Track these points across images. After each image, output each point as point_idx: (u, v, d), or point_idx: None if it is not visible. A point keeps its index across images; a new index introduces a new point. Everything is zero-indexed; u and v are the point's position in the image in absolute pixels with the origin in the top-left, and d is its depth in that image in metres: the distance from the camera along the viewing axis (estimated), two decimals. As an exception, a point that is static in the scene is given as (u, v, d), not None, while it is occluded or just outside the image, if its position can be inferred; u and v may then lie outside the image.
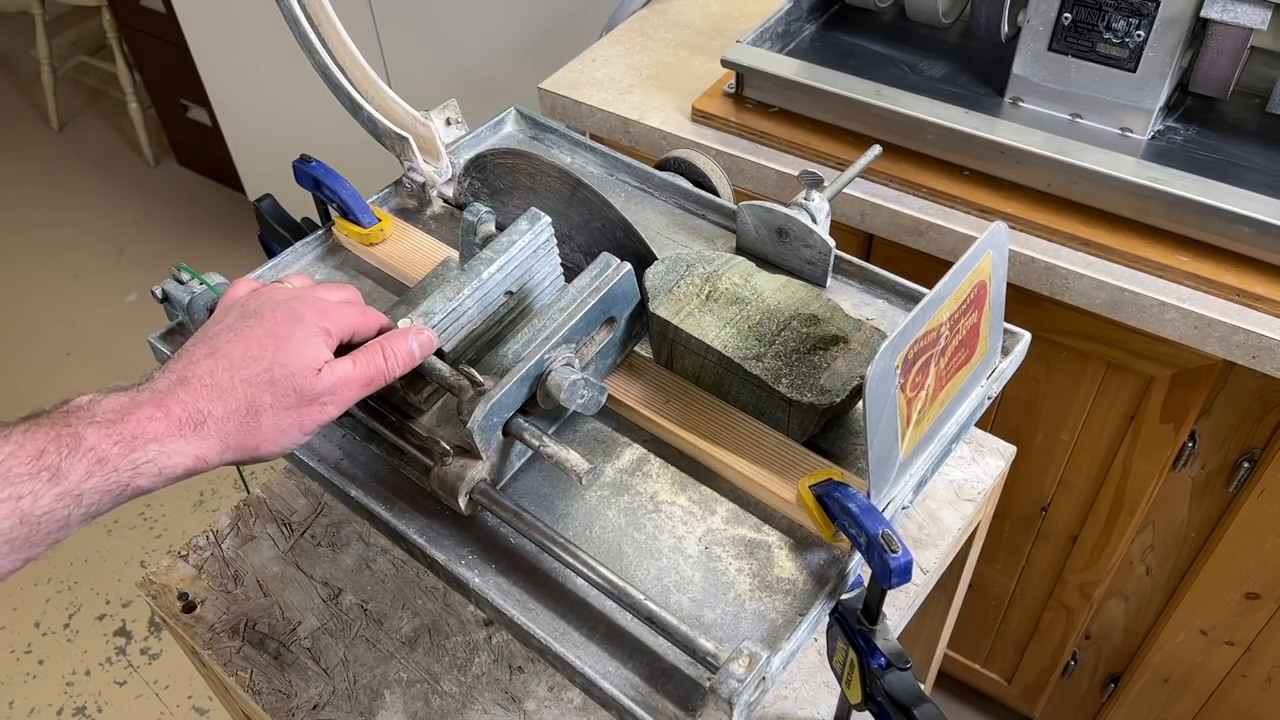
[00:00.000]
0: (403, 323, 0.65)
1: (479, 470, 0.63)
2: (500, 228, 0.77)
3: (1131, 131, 1.08)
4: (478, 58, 1.89)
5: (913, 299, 0.79)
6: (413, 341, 0.63)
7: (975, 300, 0.64)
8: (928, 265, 1.12)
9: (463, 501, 0.63)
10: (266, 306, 0.60)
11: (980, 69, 1.19)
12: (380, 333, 0.65)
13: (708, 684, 0.55)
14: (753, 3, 1.42)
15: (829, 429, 0.69)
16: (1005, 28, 1.13)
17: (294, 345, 0.58)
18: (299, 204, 0.87)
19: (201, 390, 0.55)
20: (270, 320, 0.59)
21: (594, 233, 0.76)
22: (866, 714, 0.65)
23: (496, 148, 0.81)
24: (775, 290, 0.72)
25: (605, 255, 0.69)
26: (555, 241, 0.72)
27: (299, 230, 0.87)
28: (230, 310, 0.61)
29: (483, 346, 0.70)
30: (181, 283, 0.75)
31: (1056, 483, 1.29)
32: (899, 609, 0.86)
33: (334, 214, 0.84)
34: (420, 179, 0.87)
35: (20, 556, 0.49)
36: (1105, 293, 1.02)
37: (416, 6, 1.88)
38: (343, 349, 0.62)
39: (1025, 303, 1.09)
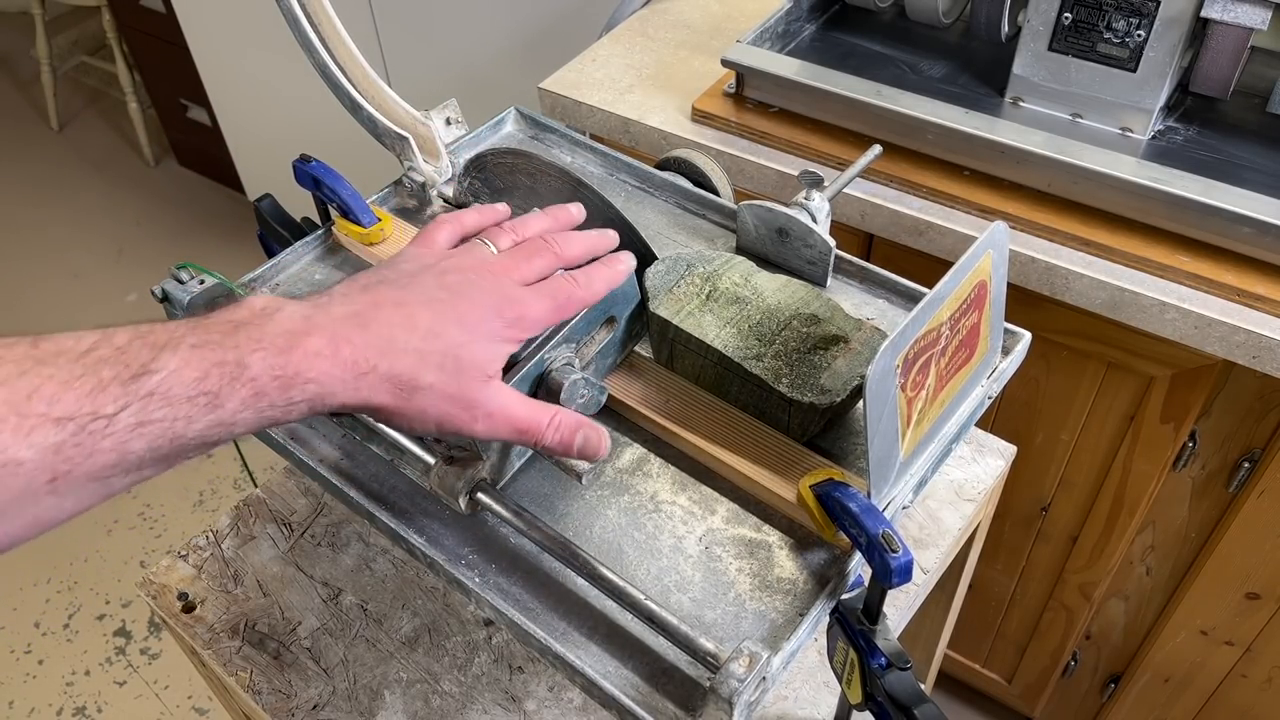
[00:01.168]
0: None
1: (479, 470, 0.63)
2: (500, 227, 0.77)
3: (1132, 131, 1.08)
4: (478, 58, 1.89)
5: (913, 299, 0.79)
6: (579, 435, 0.58)
7: (975, 300, 0.64)
8: (928, 265, 1.12)
9: (463, 501, 0.63)
10: (466, 285, 0.56)
11: (980, 69, 1.19)
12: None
13: (708, 684, 0.55)
14: (753, 3, 1.42)
15: (829, 429, 0.69)
16: (1005, 28, 1.13)
17: (478, 342, 0.55)
18: (299, 204, 0.87)
19: (376, 340, 0.52)
20: (466, 302, 0.55)
21: (594, 232, 0.76)
22: (866, 714, 0.65)
23: (496, 147, 0.81)
24: (775, 290, 0.72)
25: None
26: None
27: (299, 230, 0.87)
28: (426, 263, 0.57)
29: (483, 346, 0.70)
30: (181, 282, 0.75)
31: (1056, 483, 1.29)
32: (899, 609, 0.86)
33: (334, 214, 0.84)
34: (420, 179, 0.87)
35: (164, 467, 0.47)
36: (1105, 293, 1.02)
37: (416, 6, 1.88)
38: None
39: (1025, 303, 1.09)
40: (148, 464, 0.45)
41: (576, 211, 0.67)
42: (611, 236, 0.65)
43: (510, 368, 0.63)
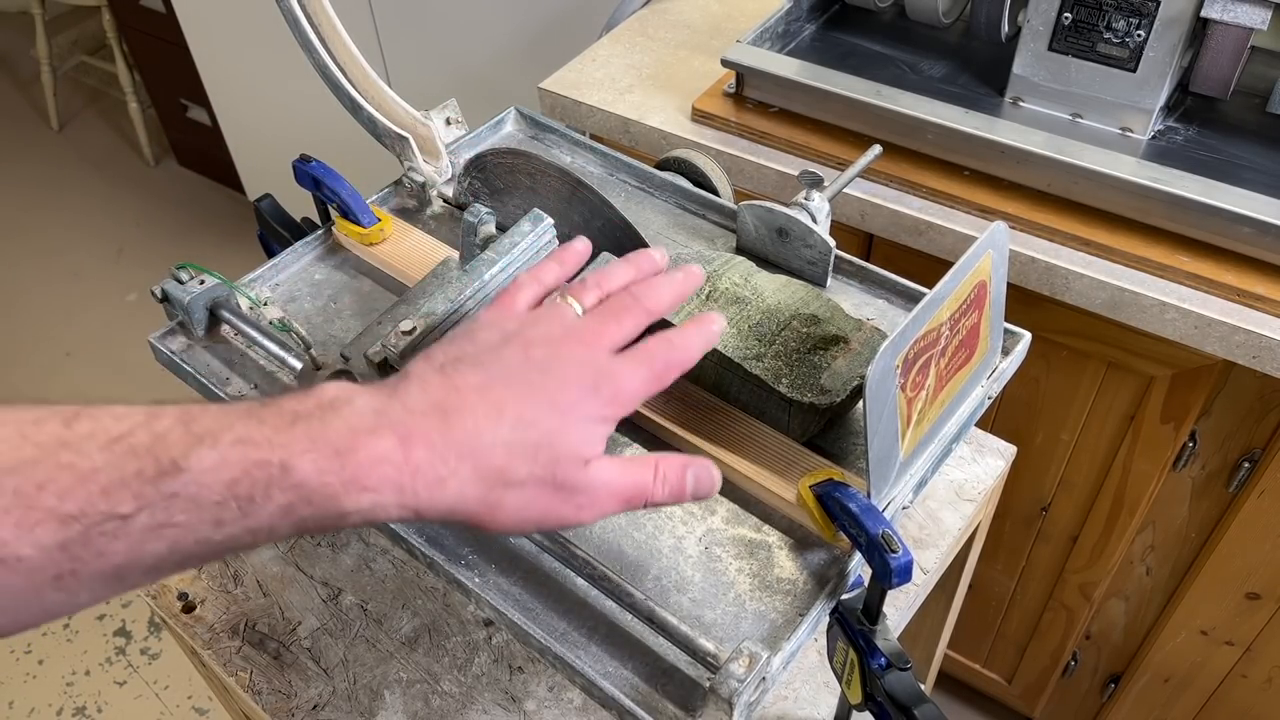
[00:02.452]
0: (404, 323, 0.64)
1: (479, 470, 0.63)
2: (501, 228, 0.77)
3: (1132, 131, 1.08)
4: (478, 58, 1.89)
5: (913, 299, 0.79)
6: (689, 478, 0.53)
7: (975, 300, 0.64)
8: (928, 265, 1.12)
9: (463, 501, 0.63)
10: (556, 360, 0.50)
11: (980, 69, 1.19)
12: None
13: (708, 684, 0.55)
14: (753, 3, 1.42)
15: (829, 429, 0.69)
16: (1005, 28, 1.13)
17: (574, 424, 0.48)
18: (299, 204, 0.87)
19: (458, 438, 0.45)
20: (558, 380, 0.49)
21: (594, 233, 0.76)
22: (866, 714, 0.65)
23: (496, 147, 0.81)
24: (775, 290, 0.72)
25: (605, 255, 0.68)
26: (557, 242, 0.72)
27: (299, 230, 0.87)
28: (508, 330, 0.51)
29: (483, 346, 0.70)
30: (181, 282, 0.75)
31: (1057, 483, 1.29)
32: (899, 609, 0.86)
33: (334, 214, 0.84)
34: (420, 179, 0.87)
35: (182, 570, 0.43)
36: (1105, 293, 1.02)
37: (416, 6, 1.88)
38: None
39: (1025, 303, 1.09)
40: (168, 567, 0.41)
41: (660, 259, 0.60)
42: (697, 274, 0.58)
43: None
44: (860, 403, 0.67)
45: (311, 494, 0.42)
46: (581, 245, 0.62)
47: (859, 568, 0.63)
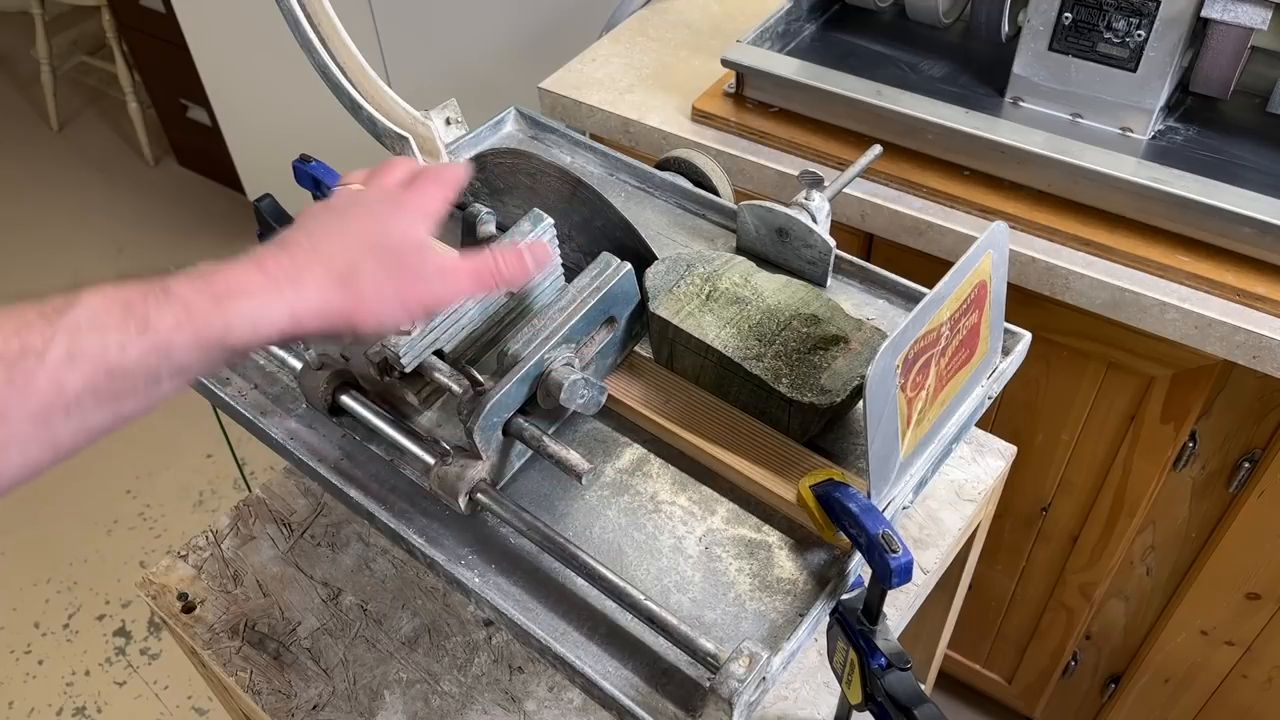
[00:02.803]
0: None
1: (479, 470, 0.63)
2: (500, 227, 0.77)
3: (1132, 131, 1.08)
4: (478, 58, 1.89)
5: (913, 299, 0.79)
6: (526, 252, 0.61)
7: (976, 300, 0.64)
8: (928, 265, 1.12)
9: (463, 501, 0.63)
10: (363, 197, 0.59)
11: (980, 69, 1.19)
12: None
13: (708, 684, 0.55)
14: (753, 3, 1.42)
15: (829, 429, 0.69)
16: (1005, 28, 1.13)
17: (396, 223, 0.57)
18: (299, 204, 0.87)
19: (300, 252, 0.54)
20: (369, 206, 0.58)
21: (594, 232, 0.76)
22: (866, 714, 0.65)
23: (496, 147, 0.81)
24: (775, 290, 0.72)
25: (605, 255, 0.68)
26: (557, 242, 0.72)
27: (299, 230, 0.87)
28: (320, 209, 0.60)
29: (483, 346, 0.70)
30: (181, 282, 0.75)
31: (1057, 483, 1.29)
32: (899, 609, 0.86)
33: (334, 214, 0.84)
34: (420, 179, 0.87)
35: (110, 412, 0.46)
36: (1105, 293, 1.02)
37: (416, 6, 1.88)
38: None
39: (1025, 303, 1.09)
40: (89, 402, 0.45)
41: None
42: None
43: (510, 368, 0.63)
44: (860, 403, 0.67)
45: (192, 308, 0.48)
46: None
47: (859, 568, 0.63)
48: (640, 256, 0.75)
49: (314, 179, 0.82)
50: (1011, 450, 0.96)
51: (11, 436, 0.43)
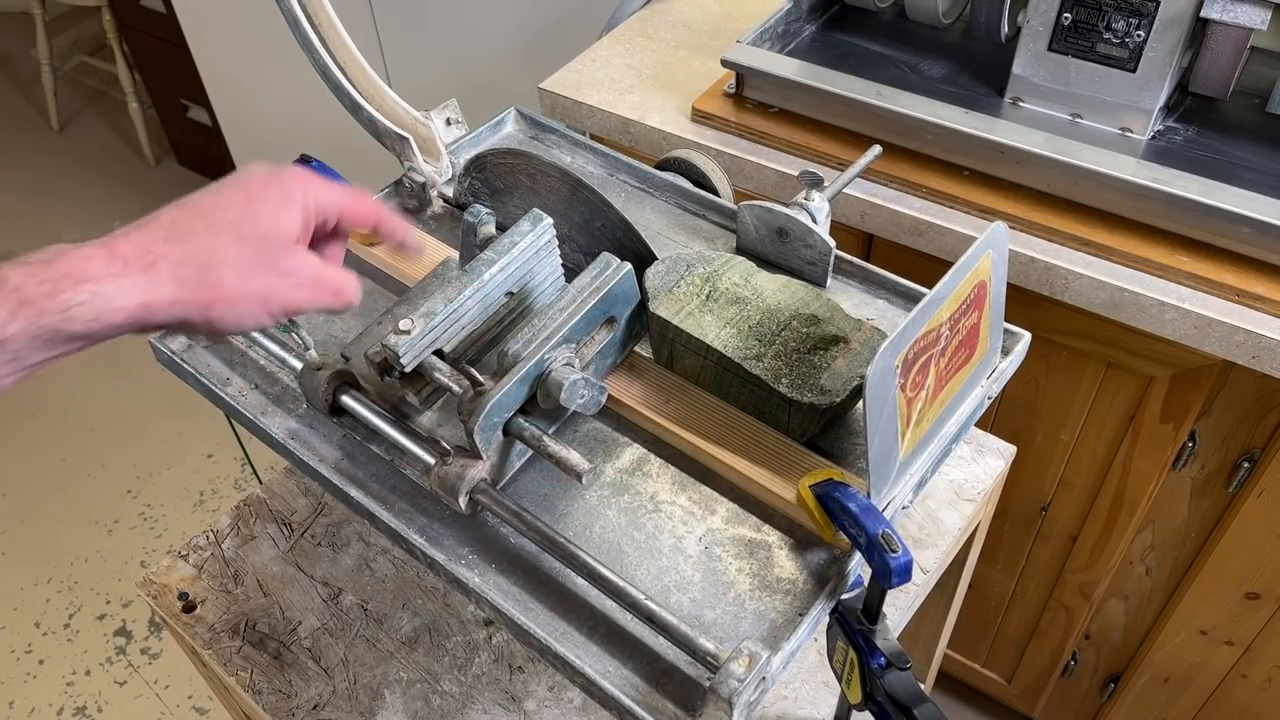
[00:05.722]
0: (403, 323, 0.65)
1: (479, 470, 0.63)
2: (500, 228, 0.77)
3: (1131, 131, 1.08)
4: (478, 58, 1.89)
5: (913, 299, 0.79)
6: (352, 285, 0.59)
7: (975, 300, 0.64)
8: (928, 265, 1.12)
9: (463, 501, 0.63)
10: (249, 171, 0.56)
11: (980, 69, 1.19)
12: (377, 226, 0.62)
13: (708, 684, 0.55)
14: (753, 3, 1.42)
15: (829, 429, 0.69)
16: (1005, 28, 1.13)
17: (267, 207, 0.54)
18: (299, 204, 0.87)
19: (158, 231, 0.51)
20: (248, 181, 0.55)
21: (594, 233, 0.76)
22: (866, 714, 0.66)
23: (496, 148, 0.81)
24: (775, 290, 0.72)
25: (605, 255, 0.69)
26: (557, 242, 0.72)
27: (299, 230, 0.87)
28: (203, 190, 0.57)
29: (483, 346, 0.70)
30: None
31: (1056, 483, 1.29)
32: (899, 609, 0.86)
33: (334, 214, 0.84)
34: (420, 179, 0.87)
35: None
36: (1105, 293, 1.02)
37: (416, 6, 1.88)
38: (322, 239, 0.59)
39: (1025, 303, 1.09)
40: None
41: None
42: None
43: (510, 368, 0.63)
44: (860, 403, 0.67)
45: (31, 294, 0.46)
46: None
47: (859, 568, 0.63)
48: (640, 257, 0.75)
49: (314, 179, 0.82)
50: (1011, 450, 0.96)
51: None
